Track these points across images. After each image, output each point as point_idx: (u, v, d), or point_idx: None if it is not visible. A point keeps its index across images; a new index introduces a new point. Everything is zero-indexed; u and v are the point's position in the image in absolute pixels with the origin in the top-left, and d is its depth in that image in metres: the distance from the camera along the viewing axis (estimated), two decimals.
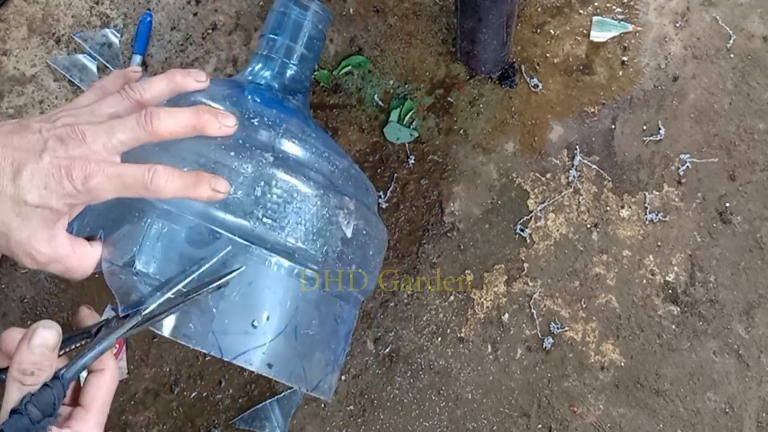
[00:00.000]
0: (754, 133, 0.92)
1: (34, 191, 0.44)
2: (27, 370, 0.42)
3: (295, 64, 0.65)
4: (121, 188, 0.46)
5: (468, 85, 0.97)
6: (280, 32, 0.65)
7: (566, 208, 0.92)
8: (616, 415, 0.87)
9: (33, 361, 0.42)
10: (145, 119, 0.46)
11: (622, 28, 0.96)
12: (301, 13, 0.66)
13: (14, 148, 0.44)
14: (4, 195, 0.43)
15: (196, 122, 0.48)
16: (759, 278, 0.89)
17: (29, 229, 0.44)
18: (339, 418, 0.89)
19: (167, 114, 0.47)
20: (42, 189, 0.44)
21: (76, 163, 0.44)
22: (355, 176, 0.62)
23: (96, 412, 0.45)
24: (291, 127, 0.57)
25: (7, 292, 0.95)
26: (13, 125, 0.46)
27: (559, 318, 0.89)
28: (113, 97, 0.49)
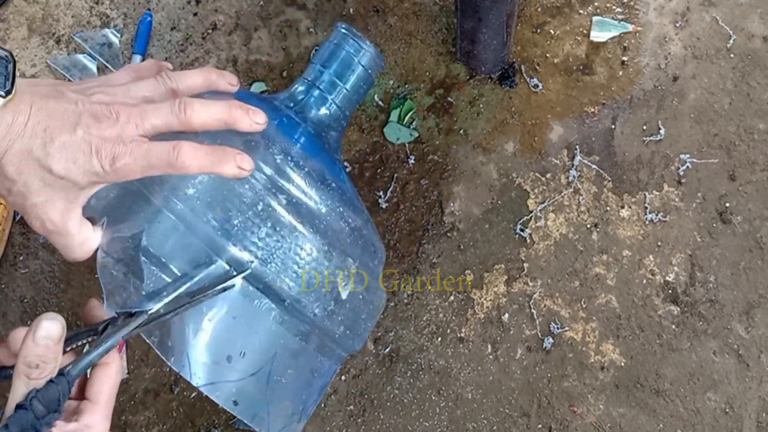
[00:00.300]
0: (754, 133, 0.92)
1: (62, 162, 0.44)
2: (32, 363, 0.42)
3: (336, 102, 0.63)
4: (147, 168, 0.46)
5: (468, 85, 0.97)
6: (329, 66, 0.64)
7: (566, 208, 0.92)
8: (616, 415, 0.87)
9: (38, 354, 0.42)
10: (179, 107, 0.47)
11: (622, 28, 0.96)
12: (354, 52, 0.63)
13: (49, 115, 0.45)
14: (31, 157, 0.44)
15: (228, 116, 0.49)
16: (759, 278, 0.89)
17: (48, 195, 0.45)
18: (339, 418, 0.89)
19: (201, 105, 0.48)
20: (70, 162, 0.44)
21: (106, 144, 0.45)
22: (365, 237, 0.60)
23: (103, 405, 0.45)
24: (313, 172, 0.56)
25: (7, 292, 0.95)
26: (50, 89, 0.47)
27: (559, 318, 0.89)
28: (149, 81, 0.50)
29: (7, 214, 0.95)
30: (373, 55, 0.64)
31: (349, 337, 0.57)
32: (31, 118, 0.44)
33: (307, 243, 0.52)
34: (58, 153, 0.44)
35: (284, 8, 1.02)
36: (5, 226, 0.95)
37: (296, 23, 1.01)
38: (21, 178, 0.44)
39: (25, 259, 0.96)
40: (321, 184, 0.56)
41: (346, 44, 0.64)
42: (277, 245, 0.51)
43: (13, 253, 0.96)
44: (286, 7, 1.02)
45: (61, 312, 0.94)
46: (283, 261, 0.51)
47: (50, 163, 0.44)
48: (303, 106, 0.63)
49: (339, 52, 0.64)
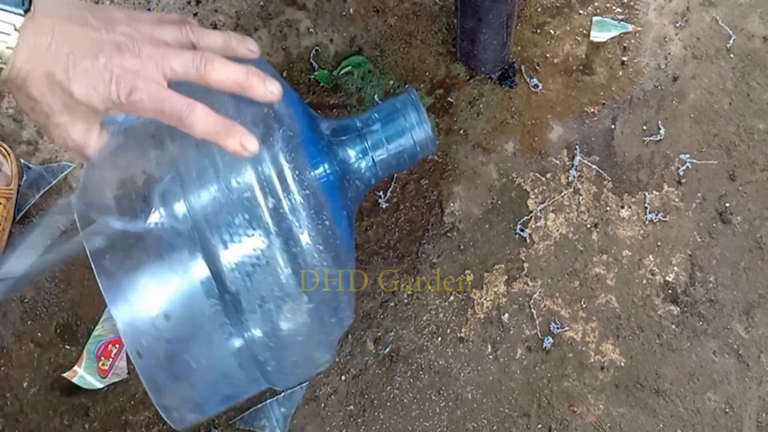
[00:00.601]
0: (754, 133, 0.92)
1: (83, 87, 0.46)
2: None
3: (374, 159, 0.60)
4: (159, 111, 0.48)
5: (468, 85, 0.97)
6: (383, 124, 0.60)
7: (566, 208, 0.92)
8: (616, 415, 0.87)
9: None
10: (200, 60, 0.48)
11: (622, 29, 0.96)
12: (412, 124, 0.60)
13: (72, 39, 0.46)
14: (54, 80, 0.45)
15: (245, 80, 0.49)
16: (759, 278, 0.89)
17: (70, 117, 0.47)
18: (339, 418, 0.89)
19: (221, 63, 0.49)
20: (91, 89, 0.46)
21: (127, 75, 0.46)
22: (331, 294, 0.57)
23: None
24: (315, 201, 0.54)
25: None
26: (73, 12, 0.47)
27: (559, 318, 0.89)
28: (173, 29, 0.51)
29: (7, 214, 0.95)
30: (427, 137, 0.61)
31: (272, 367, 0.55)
32: (54, 40, 0.45)
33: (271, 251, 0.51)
34: (80, 79, 0.45)
35: (284, 8, 1.02)
36: (5, 226, 0.95)
37: (296, 23, 1.01)
38: (44, 99, 0.46)
39: None
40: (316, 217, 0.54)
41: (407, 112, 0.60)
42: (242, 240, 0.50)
43: None
44: (286, 7, 1.02)
45: (61, 312, 0.94)
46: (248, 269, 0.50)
47: (72, 87, 0.45)
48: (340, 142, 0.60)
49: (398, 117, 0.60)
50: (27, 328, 0.94)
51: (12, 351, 0.94)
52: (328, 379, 0.90)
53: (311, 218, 0.53)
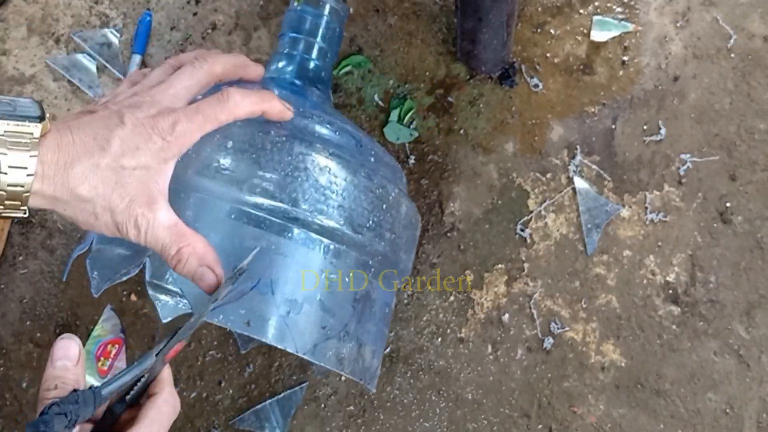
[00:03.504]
0: (755, 133, 0.92)
1: (127, 154, 0.44)
2: (51, 386, 0.41)
3: (315, 59, 0.67)
4: (203, 122, 0.47)
5: (468, 85, 0.96)
6: (299, 30, 0.68)
7: (566, 208, 0.92)
8: (616, 415, 0.87)
9: (55, 375, 0.41)
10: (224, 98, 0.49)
11: (622, 28, 0.96)
12: (317, 9, 0.68)
13: (90, 126, 0.45)
14: (98, 168, 0.43)
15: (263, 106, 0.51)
16: (759, 278, 0.89)
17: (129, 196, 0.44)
18: (339, 418, 0.89)
19: (242, 97, 0.49)
20: (135, 150, 0.44)
21: (158, 117, 0.45)
22: (388, 163, 0.64)
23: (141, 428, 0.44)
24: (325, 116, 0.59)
25: (7, 293, 0.95)
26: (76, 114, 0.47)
27: (559, 318, 0.89)
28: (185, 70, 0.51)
29: None
30: (334, 6, 0.68)
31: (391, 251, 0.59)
32: (74, 135, 0.44)
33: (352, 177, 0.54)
34: (119, 147, 0.44)
35: (284, 8, 1.01)
36: (4, 226, 0.95)
37: None
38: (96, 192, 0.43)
39: (25, 259, 0.96)
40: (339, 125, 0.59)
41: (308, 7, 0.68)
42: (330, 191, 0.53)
43: (13, 254, 0.96)
44: (285, 7, 1.01)
45: (61, 312, 0.94)
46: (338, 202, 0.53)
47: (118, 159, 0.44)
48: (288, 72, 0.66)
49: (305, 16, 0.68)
50: (26, 328, 0.94)
51: (11, 351, 0.94)
52: (328, 379, 0.90)
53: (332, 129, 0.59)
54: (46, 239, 0.96)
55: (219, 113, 0.48)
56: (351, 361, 0.55)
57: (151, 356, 0.46)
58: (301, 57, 0.67)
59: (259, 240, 0.51)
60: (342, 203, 0.53)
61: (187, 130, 0.46)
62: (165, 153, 0.45)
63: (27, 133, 0.42)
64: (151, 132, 0.45)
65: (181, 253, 0.46)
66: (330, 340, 0.53)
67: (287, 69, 0.66)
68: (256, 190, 0.51)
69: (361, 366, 0.57)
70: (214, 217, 0.51)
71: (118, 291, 0.93)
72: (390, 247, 0.58)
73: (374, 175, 0.57)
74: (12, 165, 0.41)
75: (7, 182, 0.41)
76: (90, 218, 0.44)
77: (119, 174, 0.44)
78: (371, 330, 0.58)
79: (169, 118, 0.46)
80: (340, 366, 0.54)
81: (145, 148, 0.44)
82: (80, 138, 0.44)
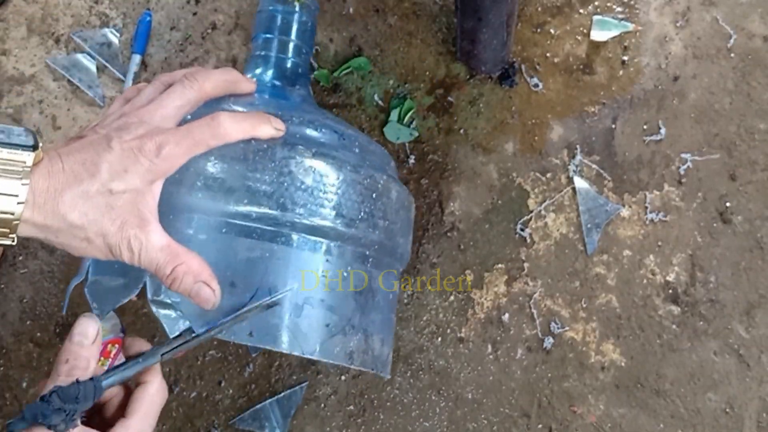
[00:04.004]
0: (755, 133, 0.92)
1: (115, 178, 0.44)
2: (63, 358, 0.42)
3: (291, 57, 0.67)
4: (192, 146, 0.47)
5: (468, 84, 0.96)
6: (271, 30, 0.67)
7: (566, 208, 0.92)
8: (616, 415, 0.87)
9: (70, 349, 0.42)
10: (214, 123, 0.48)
11: (622, 28, 0.96)
12: (287, 8, 0.67)
13: (79, 152, 0.45)
14: (88, 195, 0.44)
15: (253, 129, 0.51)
16: (759, 278, 0.89)
17: (120, 218, 0.45)
18: (339, 418, 0.89)
19: (231, 122, 0.49)
20: (122, 173, 0.44)
21: (144, 139, 0.46)
22: (374, 150, 0.64)
23: (136, 421, 0.45)
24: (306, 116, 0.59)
25: (7, 292, 0.95)
26: (67, 141, 0.47)
27: (559, 318, 0.89)
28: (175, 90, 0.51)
29: None
30: (305, 3, 0.67)
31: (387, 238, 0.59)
32: (64, 162, 0.44)
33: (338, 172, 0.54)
34: (107, 171, 0.44)
35: None
36: None
37: None
38: (87, 218, 0.44)
39: (25, 259, 0.96)
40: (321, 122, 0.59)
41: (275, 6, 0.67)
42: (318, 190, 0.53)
43: (13, 253, 0.96)
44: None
45: (61, 312, 0.94)
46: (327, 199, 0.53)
47: (107, 184, 0.44)
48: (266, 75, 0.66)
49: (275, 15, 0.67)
50: (26, 328, 0.94)
51: (11, 351, 0.94)
52: (328, 379, 0.90)
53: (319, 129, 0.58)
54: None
55: (209, 138, 0.48)
56: (360, 353, 0.55)
57: (157, 356, 0.46)
58: (277, 57, 0.66)
59: (253, 250, 0.50)
60: (331, 200, 0.53)
61: (174, 154, 0.46)
62: (152, 175, 0.46)
63: (20, 161, 0.42)
64: (138, 154, 0.45)
65: (176, 272, 0.46)
66: (336, 337, 0.53)
67: (265, 72, 0.66)
68: (243, 201, 0.50)
69: (372, 356, 0.56)
70: (204, 234, 0.50)
71: None
72: (385, 234, 0.58)
73: (360, 167, 0.56)
74: (3, 192, 0.41)
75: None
76: (82, 244, 0.45)
77: (109, 198, 0.44)
78: (377, 319, 0.58)
79: (157, 139, 0.46)
80: (350, 360, 0.54)
81: (133, 171, 0.45)
82: (69, 165, 0.44)
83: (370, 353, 0.56)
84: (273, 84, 0.65)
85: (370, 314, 0.57)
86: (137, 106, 0.49)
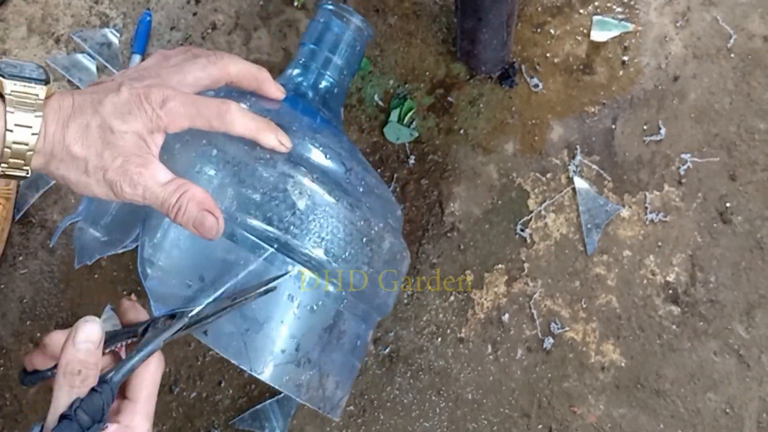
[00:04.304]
0: (755, 133, 0.92)
1: (118, 117, 0.45)
2: (74, 370, 0.41)
3: (331, 76, 0.65)
4: (195, 116, 0.47)
5: (468, 84, 0.96)
6: (320, 43, 0.65)
7: (566, 208, 0.92)
8: (616, 415, 0.87)
9: (79, 359, 0.41)
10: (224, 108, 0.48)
11: (622, 28, 0.96)
12: (342, 26, 0.65)
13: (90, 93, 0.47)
14: (90, 128, 0.45)
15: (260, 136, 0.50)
16: (759, 278, 0.88)
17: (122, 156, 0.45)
18: (339, 418, 0.89)
19: (241, 116, 0.49)
20: (126, 114, 0.45)
21: (153, 89, 0.46)
22: (380, 195, 0.62)
23: (143, 403, 0.45)
24: (324, 141, 0.57)
25: (7, 293, 0.95)
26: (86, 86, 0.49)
27: (559, 318, 0.89)
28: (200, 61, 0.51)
29: (7, 214, 0.95)
30: (361, 27, 0.66)
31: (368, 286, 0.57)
32: (75, 100, 0.46)
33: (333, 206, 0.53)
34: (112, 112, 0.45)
35: (284, 8, 1.01)
36: (4, 227, 0.95)
37: (296, 23, 1.01)
38: (90, 151, 0.45)
39: (25, 259, 0.96)
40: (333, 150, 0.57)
41: (333, 21, 0.65)
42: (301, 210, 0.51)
43: (13, 254, 0.96)
44: (285, 7, 1.01)
45: (61, 312, 0.94)
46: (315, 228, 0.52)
47: (108, 121, 0.45)
48: (301, 84, 0.64)
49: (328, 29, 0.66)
50: (26, 328, 0.94)
51: (11, 351, 0.94)
52: None
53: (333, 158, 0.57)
54: (46, 239, 0.96)
55: (213, 117, 0.48)
56: (310, 388, 0.54)
57: (160, 342, 0.46)
58: (317, 71, 0.65)
59: (230, 253, 0.50)
60: (318, 231, 0.52)
61: (177, 111, 0.46)
62: (152, 124, 0.46)
63: (33, 94, 0.44)
64: (143, 100, 0.46)
65: (181, 201, 0.46)
66: (289, 365, 0.52)
67: (299, 80, 0.65)
68: (232, 203, 0.50)
69: (322, 395, 0.55)
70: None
71: (118, 291, 0.93)
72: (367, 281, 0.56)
73: (358, 207, 0.55)
74: (18, 123, 0.43)
75: (13, 140, 0.43)
76: (82, 177, 0.45)
77: (110, 136, 0.45)
78: (337, 361, 0.56)
79: (164, 92, 0.46)
80: (297, 392, 0.53)
81: (136, 114, 0.45)
82: (78, 102, 0.46)
83: (321, 392, 0.55)
84: (304, 96, 0.64)
85: (332, 354, 0.55)
86: (159, 66, 0.50)
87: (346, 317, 0.56)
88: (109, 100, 0.45)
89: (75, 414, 0.40)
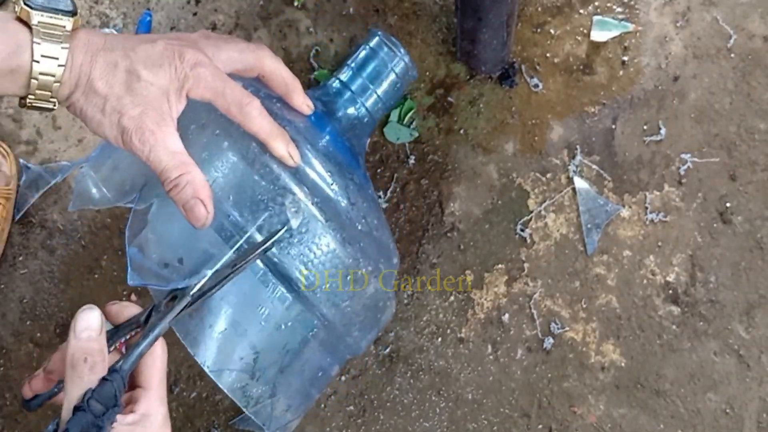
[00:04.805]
0: (755, 133, 0.92)
1: (148, 67, 0.45)
2: (78, 358, 0.41)
3: (365, 105, 0.64)
4: (219, 93, 0.47)
5: (468, 85, 0.96)
6: (360, 68, 0.64)
7: (566, 208, 0.92)
8: (616, 415, 0.87)
9: (82, 348, 0.41)
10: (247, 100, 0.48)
11: (622, 28, 0.96)
12: (389, 59, 0.64)
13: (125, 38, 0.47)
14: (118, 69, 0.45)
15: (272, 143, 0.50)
16: (759, 278, 0.89)
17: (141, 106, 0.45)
18: (339, 418, 0.89)
19: (259, 114, 0.49)
20: (157, 67, 0.45)
21: (188, 49, 0.46)
22: (380, 238, 0.61)
23: (156, 388, 0.44)
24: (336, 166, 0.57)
25: (7, 293, 0.95)
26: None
27: (559, 318, 0.89)
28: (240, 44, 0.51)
29: (7, 214, 0.95)
30: (407, 64, 0.64)
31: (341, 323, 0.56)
32: (107, 39, 0.46)
33: (326, 235, 0.52)
34: (143, 59, 0.45)
35: (284, 8, 1.01)
36: (4, 227, 0.95)
37: (296, 23, 1.01)
38: (112, 91, 0.45)
39: (25, 259, 0.96)
40: (342, 179, 0.56)
41: (381, 51, 0.64)
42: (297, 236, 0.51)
43: (13, 254, 0.96)
44: (285, 7, 1.01)
45: (61, 312, 0.94)
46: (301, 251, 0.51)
47: (137, 67, 0.45)
48: (332, 104, 0.63)
49: (374, 58, 0.64)
50: (26, 328, 0.94)
51: (11, 351, 0.94)
52: None
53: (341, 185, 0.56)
54: (46, 239, 0.96)
55: (233, 105, 0.48)
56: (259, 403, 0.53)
57: (166, 324, 0.46)
58: (353, 96, 0.63)
59: (214, 246, 0.49)
60: (303, 255, 0.51)
61: (204, 79, 0.46)
62: (180, 83, 0.46)
63: (60, 25, 0.44)
64: (176, 57, 0.46)
65: (180, 180, 0.46)
66: (243, 374, 0.51)
67: (333, 99, 0.63)
68: (229, 199, 0.50)
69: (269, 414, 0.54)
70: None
71: (118, 291, 0.93)
72: (341, 319, 0.55)
73: (351, 244, 0.54)
74: (45, 54, 0.43)
75: (39, 71, 0.43)
76: (97, 114, 0.45)
77: (136, 83, 0.45)
78: (294, 385, 0.55)
79: (198, 56, 0.46)
80: (245, 403, 0.52)
81: (166, 69, 0.45)
82: (111, 40, 0.46)
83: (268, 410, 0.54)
84: (332, 115, 0.63)
85: (289, 377, 0.54)
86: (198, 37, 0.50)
87: (313, 346, 0.55)
88: (143, 48, 0.45)
89: (88, 404, 0.39)
